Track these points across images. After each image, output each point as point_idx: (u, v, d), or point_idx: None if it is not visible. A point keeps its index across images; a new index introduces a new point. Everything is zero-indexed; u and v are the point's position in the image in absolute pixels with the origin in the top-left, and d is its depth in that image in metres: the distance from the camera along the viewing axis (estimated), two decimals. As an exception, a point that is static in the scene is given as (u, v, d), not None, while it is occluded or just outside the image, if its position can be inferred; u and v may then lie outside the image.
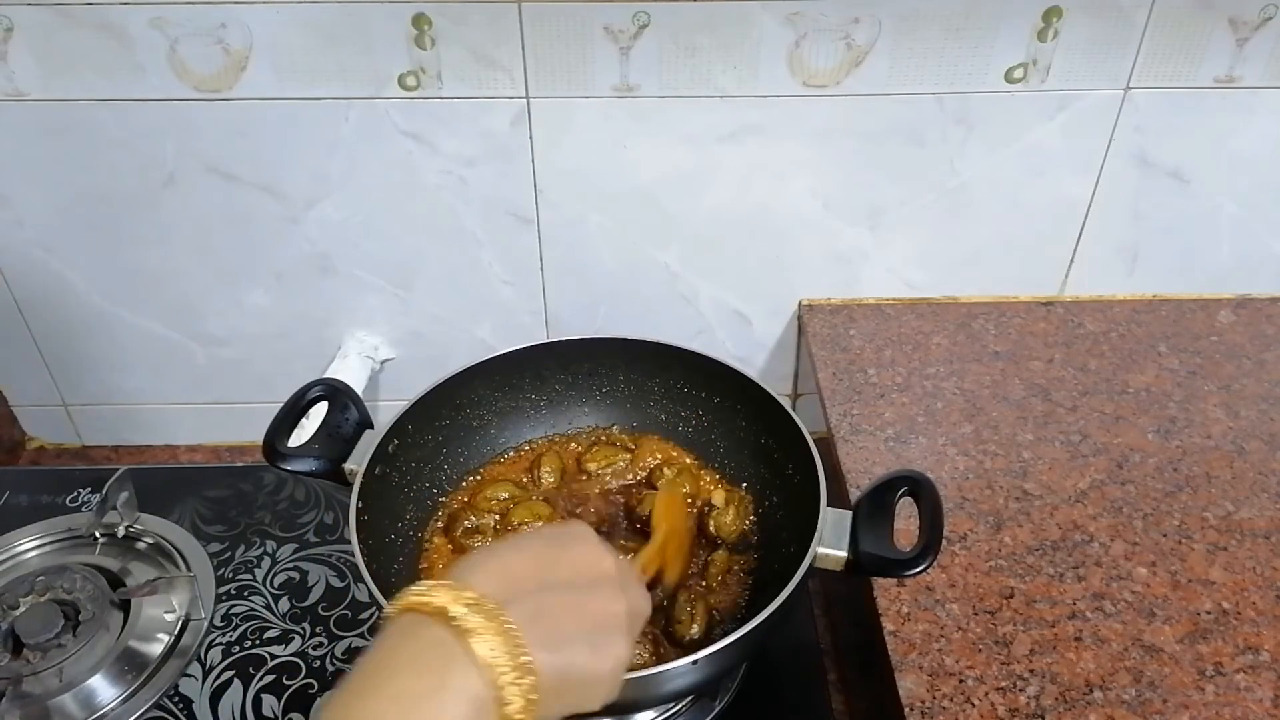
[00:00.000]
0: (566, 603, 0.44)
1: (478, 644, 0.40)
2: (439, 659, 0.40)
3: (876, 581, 0.71)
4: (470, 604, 0.41)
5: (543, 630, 0.42)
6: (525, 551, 0.46)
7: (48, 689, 0.74)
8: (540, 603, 0.43)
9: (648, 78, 0.85)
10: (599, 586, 0.46)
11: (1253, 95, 0.87)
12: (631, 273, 0.98)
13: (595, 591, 0.45)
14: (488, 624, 0.40)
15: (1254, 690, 0.64)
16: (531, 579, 0.44)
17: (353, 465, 0.70)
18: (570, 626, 0.43)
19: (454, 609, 0.41)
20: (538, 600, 0.43)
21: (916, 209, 0.94)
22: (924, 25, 0.82)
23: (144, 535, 0.88)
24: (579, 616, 0.44)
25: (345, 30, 0.82)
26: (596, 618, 0.44)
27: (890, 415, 0.87)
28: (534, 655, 0.41)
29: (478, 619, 0.40)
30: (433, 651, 0.40)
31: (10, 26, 0.81)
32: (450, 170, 0.91)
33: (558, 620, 0.43)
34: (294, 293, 0.99)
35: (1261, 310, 0.99)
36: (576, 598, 0.44)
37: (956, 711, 0.63)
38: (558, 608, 0.43)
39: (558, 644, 0.42)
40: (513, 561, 0.45)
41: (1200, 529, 0.75)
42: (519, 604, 0.42)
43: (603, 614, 0.45)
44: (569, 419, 0.85)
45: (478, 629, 0.40)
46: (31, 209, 0.92)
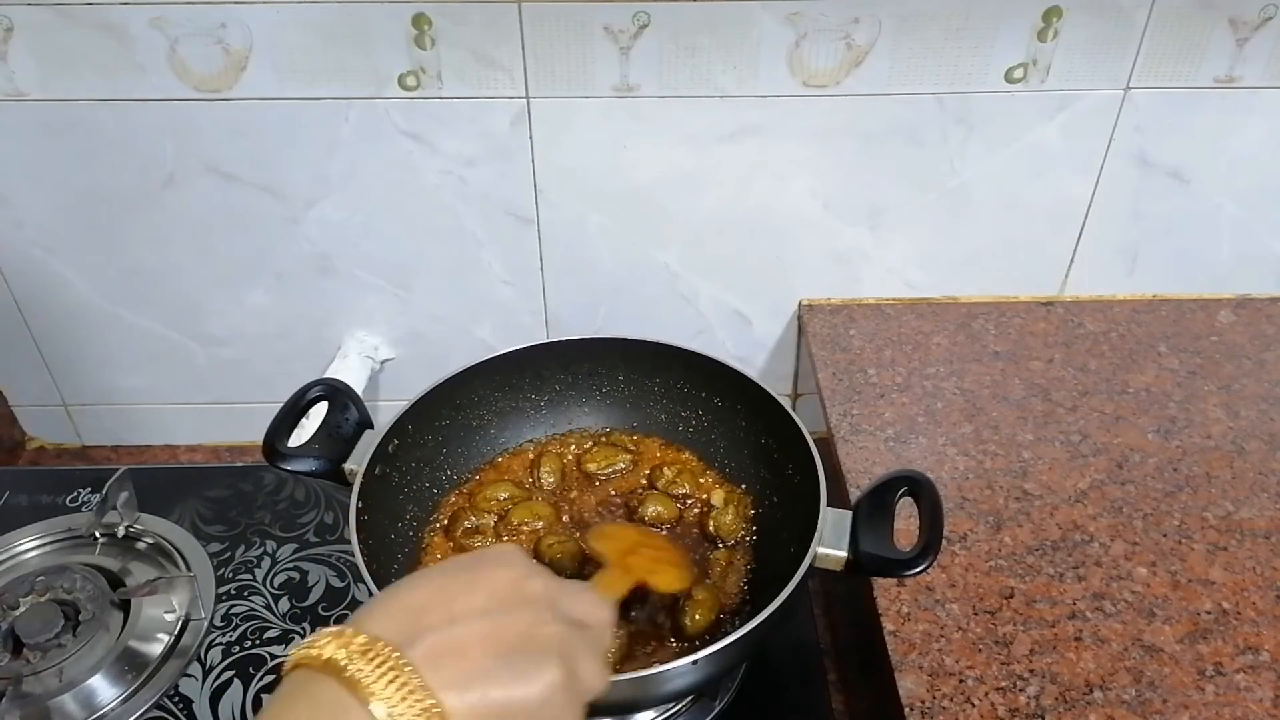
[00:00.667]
0: (477, 631, 0.40)
1: (373, 696, 0.36)
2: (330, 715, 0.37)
3: (876, 581, 0.71)
4: (362, 652, 0.38)
5: (450, 668, 0.38)
6: (431, 584, 0.42)
7: (48, 689, 0.74)
8: (447, 637, 0.39)
9: (648, 78, 0.85)
10: (518, 608, 0.42)
11: (1253, 95, 0.87)
12: (631, 273, 0.98)
13: (513, 614, 0.41)
14: (383, 672, 0.37)
15: (1254, 690, 0.64)
16: (436, 613, 0.40)
17: (353, 465, 0.70)
18: (482, 658, 0.39)
19: (344, 660, 0.37)
20: (443, 635, 0.39)
21: (916, 209, 0.94)
22: (924, 25, 0.82)
23: (144, 535, 0.88)
24: (494, 645, 0.40)
25: (345, 30, 0.82)
26: (514, 642, 0.40)
27: (890, 415, 0.87)
28: (441, 698, 0.37)
29: (371, 668, 0.37)
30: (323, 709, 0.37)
31: (10, 26, 0.81)
32: (450, 170, 0.91)
33: (467, 654, 0.39)
34: (294, 293, 0.99)
35: (1261, 310, 0.99)
36: (490, 624, 0.40)
37: (956, 711, 0.63)
38: (467, 639, 0.40)
39: (468, 681, 0.38)
40: (417, 596, 0.41)
41: (1200, 529, 0.75)
42: (420, 642, 0.39)
43: (523, 637, 0.41)
44: (569, 419, 0.85)
45: (371, 680, 0.37)
46: (31, 209, 0.92)
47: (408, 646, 0.38)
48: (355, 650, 0.38)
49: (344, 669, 0.37)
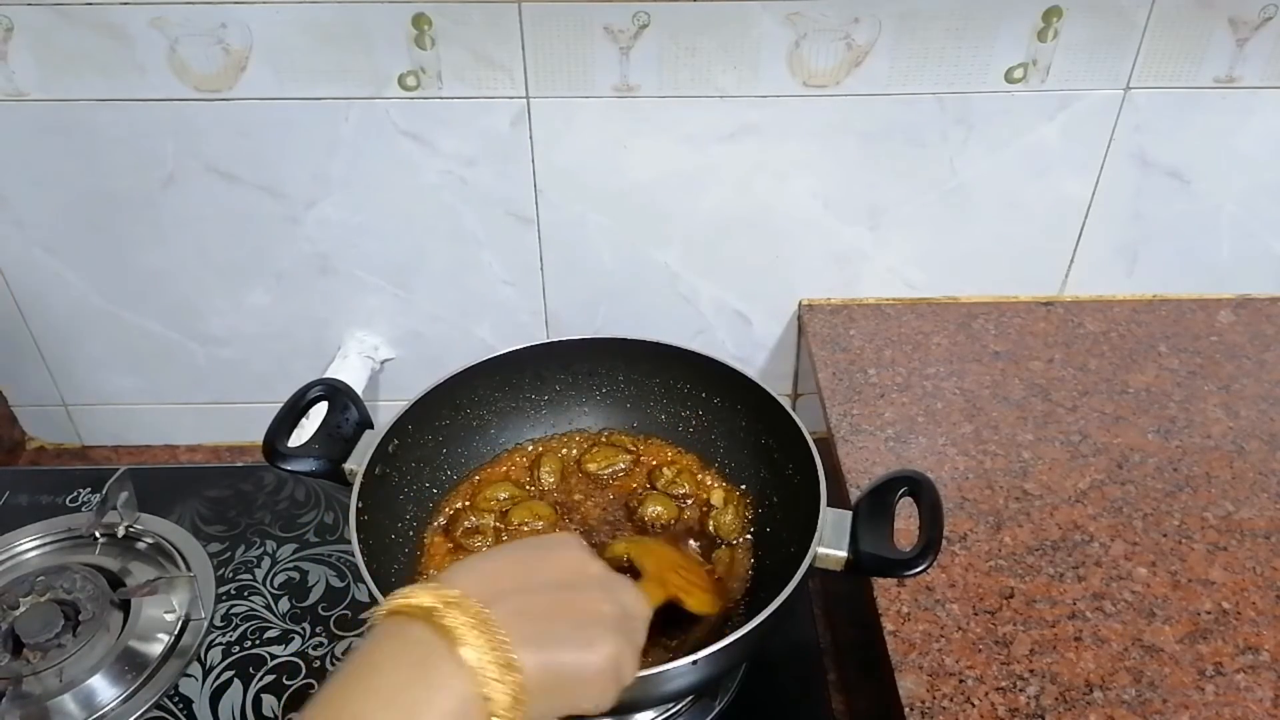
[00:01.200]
0: (552, 601, 0.44)
1: (461, 642, 0.40)
2: (422, 656, 0.40)
3: (876, 581, 0.71)
4: (453, 603, 0.41)
5: (528, 628, 0.42)
6: (510, 555, 0.47)
7: (48, 689, 0.74)
8: (525, 601, 0.43)
9: (648, 78, 0.85)
10: (585, 587, 0.46)
11: (1253, 95, 0.87)
12: (631, 273, 0.98)
13: (581, 590, 0.46)
14: (471, 622, 0.41)
15: (1254, 690, 0.64)
16: (516, 580, 0.45)
17: (353, 465, 0.70)
18: (556, 624, 0.44)
19: (437, 609, 0.41)
20: (522, 599, 0.43)
21: (916, 209, 0.94)
22: (924, 25, 0.82)
23: (144, 535, 0.88)
24: (565, 613, 0.44)
25: (345, 30, 0.82)
26: (583, 615, 0.45)
27: (890, 415, 0.87)
28: (519, 653, 0.41)
29: (461, 618, 0.41)
30: (416, 649, 0.40)
31: (10, 26, 0.81)
32: (450, 170, 0.91)
33: (543, 618, 0.43)
34: (294, 293, 0.99)
35: (1261, 310, 0.99)
36: (563, 596, 0.45)
37: (956, 711, 0.63)
38: (543, 606, 0.44)
39: (543, 641, 0.42)
40: (498, 564, 0.46)
41: (1200, 529, 0.75)
42: (503, 603, 0.43)
43: (589, 611, 0.45)
44: (569, 419, 0.85)
45: (461, 627, 0.40)
46: (31, 209, 0.92)
47: (491, 605, 0.42)
48: (449, 601, 0.42)
49: (437, 615, 0.41)
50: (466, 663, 0.40)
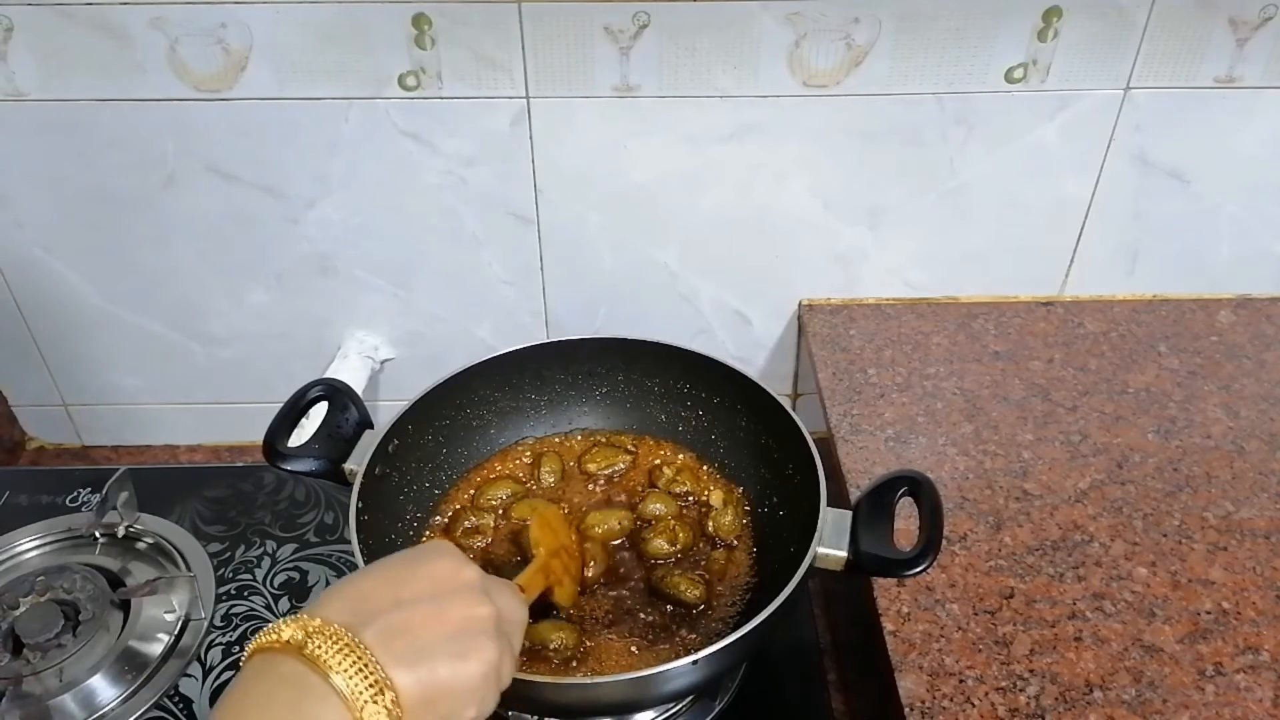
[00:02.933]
0: (423, 614, 0.44)
1: (331, 670, 0.40)
2: (292, 694, 0.40)
3: (876, 581, 0.71)
4: (316, 631, 0.41)
5: (400, 645, 0.42)
6: (379, 573, 0.47)
7: (48, 689, 0.74)
8: (394, 619, 0.43)
9: (648, 78, 0.85)
10: (458, 595, 0.46)
11: (1253, 95, 0.87)
12: (631, 273, 0.98)
13: (454, 599, 0.46)
14: (338, 649, 0.41)
15: (1254, 690, 0.64)
16: (385, 598, 0.44)
17: (353, 465, 0.70)
18: (428, 637, 0.43)
19: (300, 639, 0.41)
20: (392, 617, 0.43)
21: (916, 209, 0.94)
22: (924, 25, 0.82)
23: (144, 535, 0.88)
24: (438, 626, 0.44)
25: (345, 30, 0.82)
26: (457, 624, 0.45)
27: (890, 415, 0.87)
28: (392, 672, 0.41)
29: (326, 644, 0.41)
30: (285, 687, 0.40)
31: (10, 26, 0.81)
32: (450, 170, 0.91)
33: (414, 633, 0.43)
34: (294, 293, 0.99)
35: (1261, 310, 0.99)
36: (434, 608, 0.45)
37: (956, 711, 0.63)
38: (414, 621, 0.44)
39: (416, 657, 0.43)
40: (365, 585, 0.46)
41: (1200, 529, 0.75)
42: (372, 624, 0.43)
43: (463, 620, 0.45)
44: (569, 419, 0.85)
45: (328, 655, 0.41)
46: (31, 209, 0.92)
47: (360, 629, 0.42)
48: (313, 631, 0.42)
49: (303, 646, 0.41)
50: (339, 691, 0.40)
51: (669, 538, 0.73)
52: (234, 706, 0.41)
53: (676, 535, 0.74)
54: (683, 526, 0.75)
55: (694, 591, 0.70)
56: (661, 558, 0.73)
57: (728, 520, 0.76)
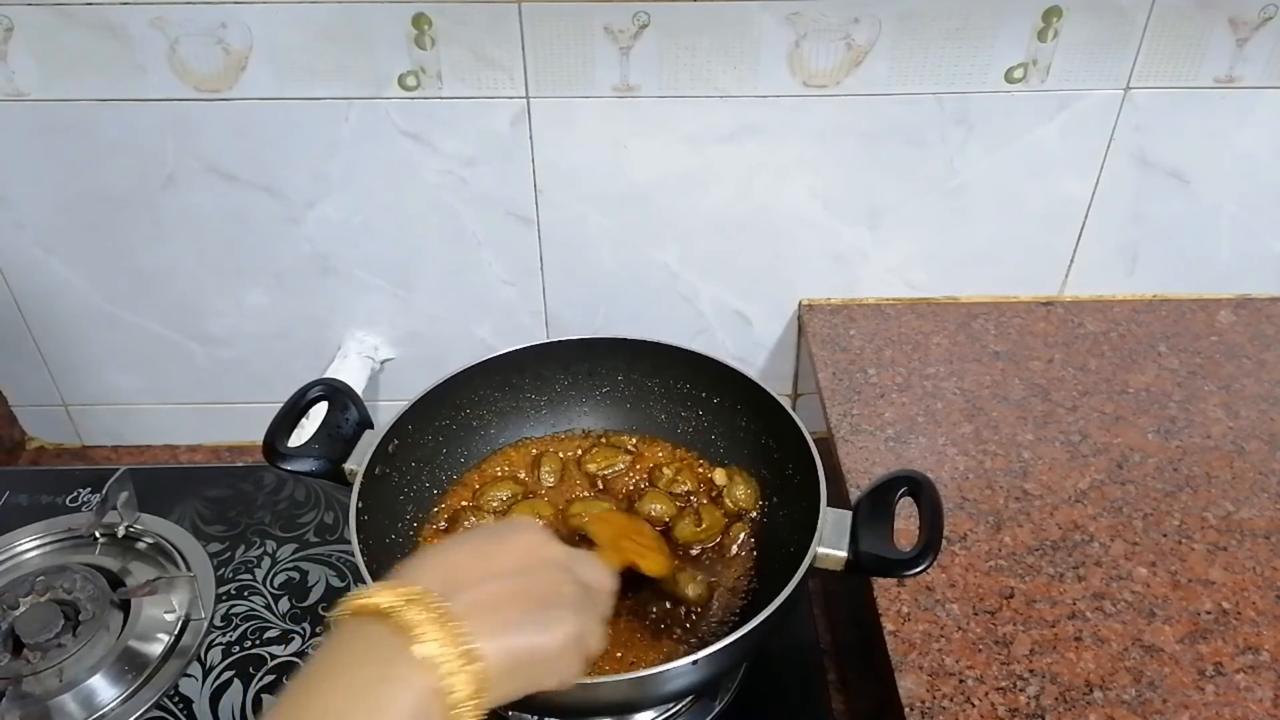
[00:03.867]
0: (509, 589, 0.45)
1: (421, 637, 0.41)
2: (383, 653, 0.41)
3: (876, 581, 0.71)
4: (411, 599, 0.42)
5: (486, 617, 0.43)
6: (467, 546, 0.48)
7: (48, 689, 0.74)
8: (482, 592, 0.45)
9: (648, 78, 0.85)
10: (541, 569, 0.48)
11: (1253, 95, 0.87)
12: (631, 273, 0.98)
13: (537, 574, 0.47)
14: (429, 617, 0.42)
15: (1254, 690, 0.64)
16: (473, 571, 0.46)
17: (353, 465, 0.70)
18: (513, 610, 0.45)
19: (397, 606, 0.42)
20: (479, 590, 0.45)
21: (916, 209, 0.94)
22: (924, 25, 0.82)
23: (144, 535, 0.88)
24: (522, 599, 0.45)
25: (345, 30, 0.82)
26: (541, 598, 0.46)
27: (890, 415, 0.87)
28: (478, 642, 0.42)
29: (419, 613, 0.42)
30: (377, 647, 0.41)
31: (10, 26, 0.81)
32: (450, 170, 0.91)
33: (500, 606, 0.44)
34: (294, 293, 0.99)
35: (1261, 310, 0.99)
36: (519, 582, 0.46)
37: (956, 711, 0.63)
38: (500, 594, 0.45)
39: (501, 629, 0.44)
40: (454, 557, 0.47)
41: (1200, 529, 0.75)
42: (461, 595, 0.44)
43: (547, 594, 0.47)
44: (569, 419, 0.85)
45: (419, 623, 0.41)
46: (31, 209, 0.92)
47: (449, 598, 0.43)
48: (409, 597, 0.42)
49: (394, 613, 0.42)
50: (426, 657, 0.41)
51: (694, 519, 0.74)
52: (324, 664, 0.42)
53: (701, 518, 0.74)
54: (706, 510, 0.75)
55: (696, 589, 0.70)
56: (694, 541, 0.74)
57: (740, 493, 0.77)
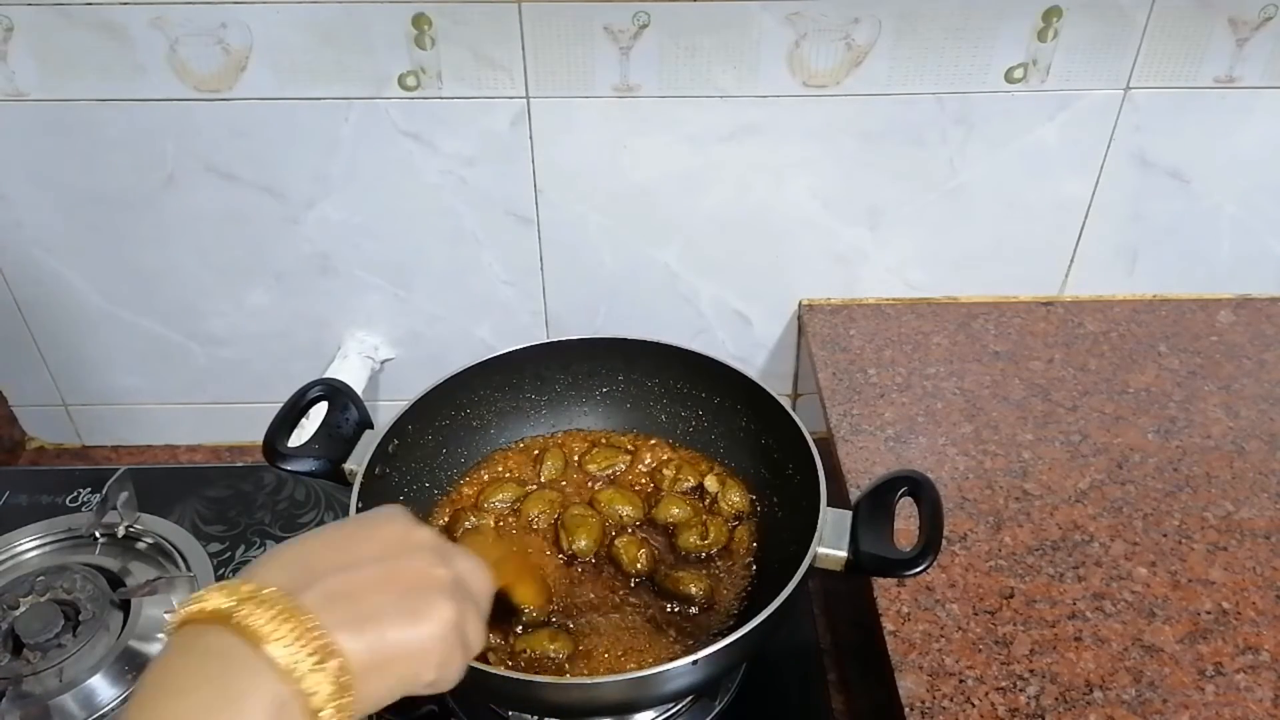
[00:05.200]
0: (371, 575, 0.41)
1: (266, 639, 0.37)
2: (223, 666, 0.37)
3: (876, 581, 0.71)
4: (249, 597, 0.38)
5: (345, 608, 0.39)
6: (324, 536, 0.44)
7: (48, 689, 0.74)
8: (341, 581, 0.40)
9: (648, 78, 0.85)
10: (409, 554, 0.43)
11: (1253, 95, 0.87)
12: (631, 273, 0.98)
13: (404, 559, 0.43)
14: (273, 615, 0.37)
15: (1254, 690, 0.64)
16: (329, 562, 0.41)
17: (353, 465, 0.70)
18: (377, 599, 0.40)
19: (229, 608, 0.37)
20: (338, 579, 0.40)
21: (916, 209, 0.94)
22: (924, 25, 0.82)
23: (144, 535, 0.88)
24: (388, 586, 0.41)
25: (345, 30, 0.82)
26: (409, 584, 0.42)
27: (890, 415, 0.87)
28: (336, 636, 0.38)
29: (260, 612, 0.37)
30: (215, 660, 0.37)
31: (10, 26, 0.81)
32: (450, 170, 0.91)
33: (361, 596, 0.40)
34: (294, 293, 0.99)
35: (1261, 310, 0.99)
36: (382, 568, 0.42)
37: (956, 711, 0.63)
38: (361, 583, 0.41)
39: (364, 619, 0.39)
40: (309, 547, 0.43)
41: (1200, 529, 0.75)
42: (315, 587, 0.39)
43: (417, 579, 0.42)
44: (569, 419, 0.85)
45: (262, 623, 0.37)
46: (31, 209, 0.92)
47: (299, 593, 0.39)
48: (243, 597, 0.38)
49: (231, 616, 0.37)
50: (275, 661, 0.36)
51: (699, 532, 0.74)
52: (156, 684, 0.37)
53: (708, 530, 0.74)
54: (714, 522, 0.75)
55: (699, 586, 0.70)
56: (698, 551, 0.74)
57: (734, 496, 0.77)
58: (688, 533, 0.74)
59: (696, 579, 0.71)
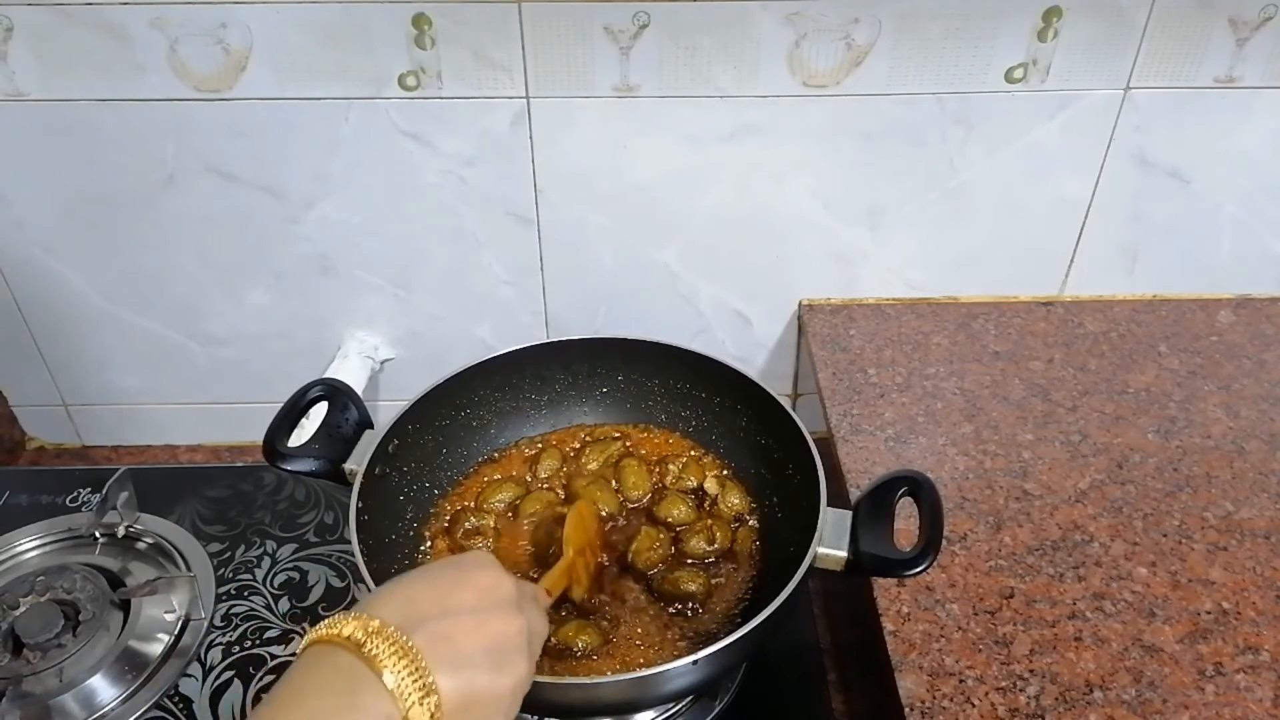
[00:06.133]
0: (467, 625, 0.46)
1: (385, 668, 0.42)
2: (348, 682, 0.42)
3: (876, 581, 0.71)
4: (375, 632, 0.43)
5: (445, 652, 0.44)
6: (427, 580, 0.48)
7: (48, 689, 0.74)
8: (442, 626, 0.45)
9: (648, 78, 0.85)
10: (498, 608, 0.48)
11: (1253, 95, 0.87)
12: (631, 273, 0.98)
13: (494, 613, 0.48)
14: (392, 649, 0.43)
15: (1254, 690, 0.64)
16: (434, 605, 0.46)
17: (353, 465, 0.70)
18: (471, 647, 0.45)
19: (360, 637, 0.43)
20: (439, 624, 0.45)
21: (916, 209, 0.94)
22: (924, 25, 0.82)
23: (144, 535, 0.88)
24: (479, 637, 0.46)
25: (345, 30, 0.82)
26: (496, 638, 0.47)
27: (890, 415, 0.87)
28: (437, 676, 0.43)
29: (383, 645, 0.43)
30: (342, 676, 0.43)
31: (10, 26, 0.81)
32: (450, 170, 0.91)
33: (459, 642, 0.45)
34: (294, 293, 0.99)
35: (1261, 310, 0.99)
36: (477, 619, 0.47)
37: (956, 711, 0.63)
38: (459, 630, 0.46)
39: (459, 665, 0.45)
40: (415, 590, 0.47)
41: (1200, 529, 0.75)
42: (422, 629, 0.44)
43: (502, 634, 0.47)
44: (569, 419, 0.85)
45: (383, 654, 0.43)
46: (31, 209, 0.92)
47: (410, 631, 0.44)
48: (372, 631, 0.44)
49: (362, 645, 0.43)
50: (389, 688, 0.42)
51: (706, 537, 0.74)
52: (292, 690, 0.43)
53: (715, 535, 0.74)
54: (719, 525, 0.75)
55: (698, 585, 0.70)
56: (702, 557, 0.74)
57: (735, 498, 0.77)
58: (694, 538, 0.74)
59: (696, 578, 0.71)
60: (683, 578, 0.70)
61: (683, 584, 0.70)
